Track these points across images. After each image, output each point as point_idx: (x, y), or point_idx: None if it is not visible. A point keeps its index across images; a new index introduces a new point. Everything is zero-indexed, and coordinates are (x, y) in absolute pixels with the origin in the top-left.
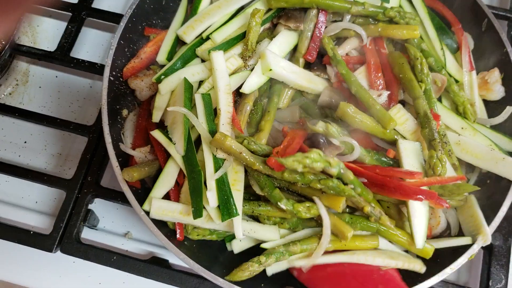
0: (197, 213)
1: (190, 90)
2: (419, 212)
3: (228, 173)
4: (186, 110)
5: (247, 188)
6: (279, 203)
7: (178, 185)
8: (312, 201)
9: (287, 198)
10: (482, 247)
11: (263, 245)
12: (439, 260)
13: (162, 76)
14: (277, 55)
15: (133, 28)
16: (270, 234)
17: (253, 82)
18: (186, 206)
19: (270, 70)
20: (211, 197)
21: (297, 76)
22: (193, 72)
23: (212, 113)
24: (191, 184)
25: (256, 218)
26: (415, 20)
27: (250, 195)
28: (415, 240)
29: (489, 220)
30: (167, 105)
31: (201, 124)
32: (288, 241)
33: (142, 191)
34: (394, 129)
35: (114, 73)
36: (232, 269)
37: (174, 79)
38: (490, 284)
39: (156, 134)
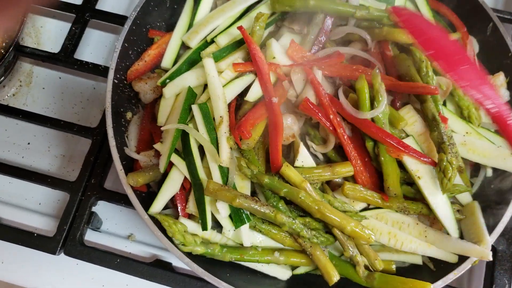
0: (204, 226)
1: (190, 100)
2: (441, 205)
3: (235, 180)
4: (184, 126)
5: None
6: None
7: (184, 189)
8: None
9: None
10: None
11: (295, 272)
12: (442, 264)
13: (167, 80)
14: (281, 46)
15: (137, 30)
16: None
17: (257, 90)
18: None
19: (274, 58)
20: (222, 207)
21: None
22: (197, 75)
23: (212, 122)
24: (196, 197)
25: None
26: None
27: None
28: (450, 232)
29: (493, 225)
30: (171, 109)
31: (201, 136)
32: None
33: (146, 194)
34: (403, 130)
35: (118, 75)
36: (236, 272)
37: (178, 83)
38: None
39: (159, 147)
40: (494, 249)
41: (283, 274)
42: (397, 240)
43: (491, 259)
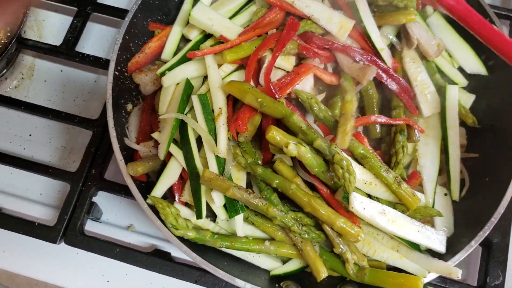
0: (199, 214)
1: (188, 92)
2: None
3: (231, 170)
4: (182, 115)
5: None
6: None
7: (182, 179)
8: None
9: (283, 204)
10: (480, 244)
11: (272, 273)
12: (437, 256)
13: (167, 71)
14: (208, 7)
15: (138, 23)
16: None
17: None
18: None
19: (189, 15)
20: (217, 197)
21: (226, 30)
22: (196, 67)
23: (211, 113)
24: (192, 185)
25: None
26: (412, 1)
27: None
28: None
29: (488, 217)
30: (170, 100)
31: (199, 126)
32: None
33: (145, 184)
34: None
35: (119, 68)
36: (235, 262)
37: (177, 73)
38: (488, 280)
39: (157, 136)
40: (489, 241)
41: (273, 266)
42: (370, 248)
43: (460, 276)
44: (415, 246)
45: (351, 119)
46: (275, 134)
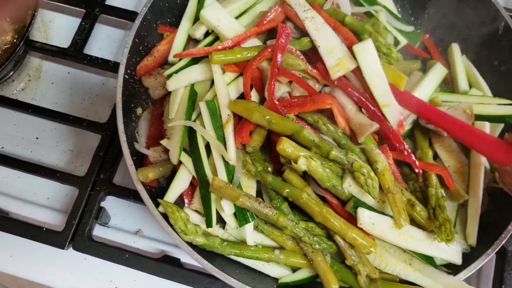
0: (209, 223)
1: (193, 97)
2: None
3: (241, 178)
4: (190, 122)
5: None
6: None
7: (192, 185)
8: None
9: (294, 213)
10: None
11: (280, 281)
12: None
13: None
14: (220, 6)
15: (148, 26)
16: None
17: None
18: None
19: (200, 14)
20: (227, 205)
21: (233, 33)
22: (201, 70)
23: (219, 119)
24: (202, 193)
25: None
26: (398, 62)
27: None
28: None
29: (503, 226)
30: (179, 105)
31: (208, 133)
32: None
33: (155, 189)
34: None
35: (128, 71)
36: (245, 270)
37: (181, 76)
38: None
39: (165, 143)
40: (504, 249)
41: (283, 274)
42: (382, 261)
43: None
44: (429, 260)
45: (397, 190)
46: (286, 146)
